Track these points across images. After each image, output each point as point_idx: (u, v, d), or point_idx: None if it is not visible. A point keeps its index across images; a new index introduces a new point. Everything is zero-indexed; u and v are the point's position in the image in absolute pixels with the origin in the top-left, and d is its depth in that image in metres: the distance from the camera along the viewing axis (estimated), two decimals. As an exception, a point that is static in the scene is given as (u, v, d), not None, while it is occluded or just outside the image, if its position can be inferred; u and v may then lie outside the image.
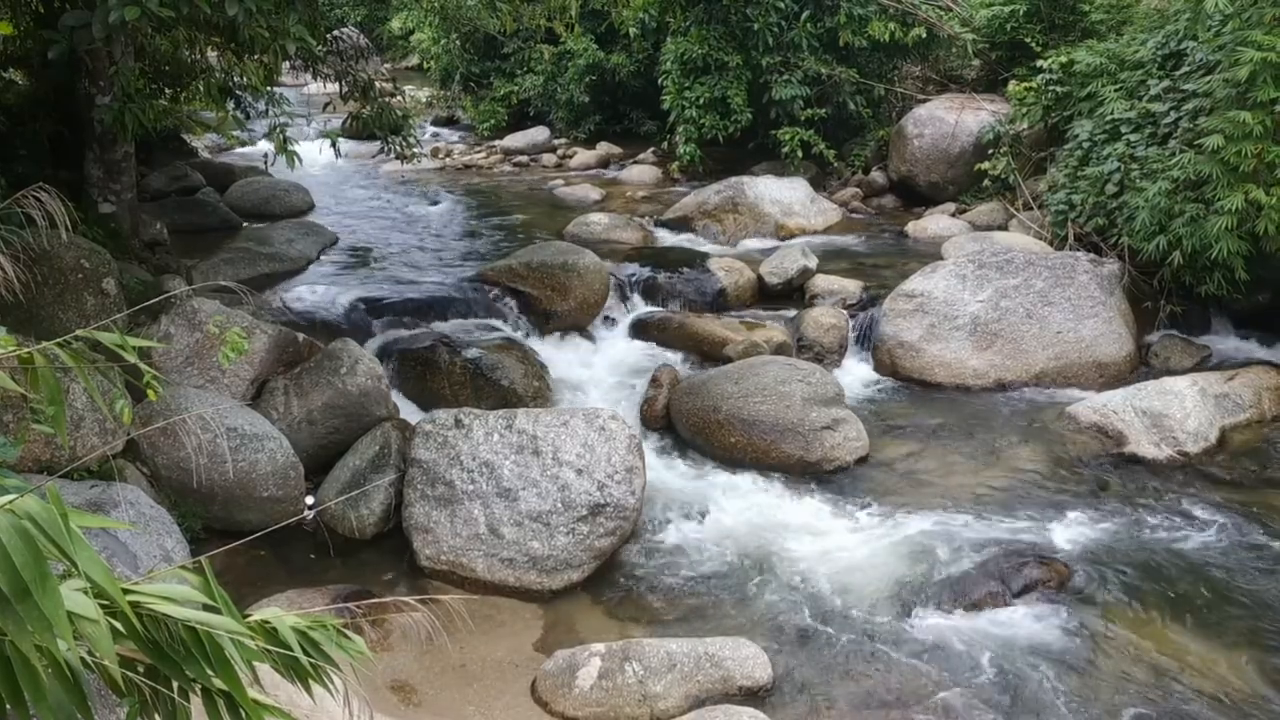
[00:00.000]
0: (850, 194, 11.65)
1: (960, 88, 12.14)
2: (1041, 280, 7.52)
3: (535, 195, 12.47)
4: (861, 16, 11.74)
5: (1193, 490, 5.82)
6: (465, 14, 10.77)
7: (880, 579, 5.00)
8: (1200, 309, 7.79)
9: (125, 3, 4.45)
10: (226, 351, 2.91)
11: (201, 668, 1.58)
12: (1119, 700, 4.17)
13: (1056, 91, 9.69)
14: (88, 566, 1.46)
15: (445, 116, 17.96)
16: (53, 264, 5.33)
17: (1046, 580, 4.89)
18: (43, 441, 4.67)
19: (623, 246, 9.62)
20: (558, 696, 4.18)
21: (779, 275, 8.61)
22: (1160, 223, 7.32)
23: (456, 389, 6.59)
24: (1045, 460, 6.17)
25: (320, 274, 8.74)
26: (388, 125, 7.88)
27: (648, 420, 6.68)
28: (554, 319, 7.77)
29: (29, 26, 7.01)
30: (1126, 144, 8.14)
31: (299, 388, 5.85)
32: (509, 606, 4.91)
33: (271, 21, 5.65)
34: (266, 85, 8.32)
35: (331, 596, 4.70)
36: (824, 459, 6.09)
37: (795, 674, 4.38)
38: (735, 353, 7.24)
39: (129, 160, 7.32)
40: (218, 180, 11.18)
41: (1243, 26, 6.99)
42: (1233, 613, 4.72)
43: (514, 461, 5.23)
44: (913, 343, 7.44)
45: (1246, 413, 6.55)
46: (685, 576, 5.11)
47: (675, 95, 12.29)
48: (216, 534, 5.13)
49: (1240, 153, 6.63)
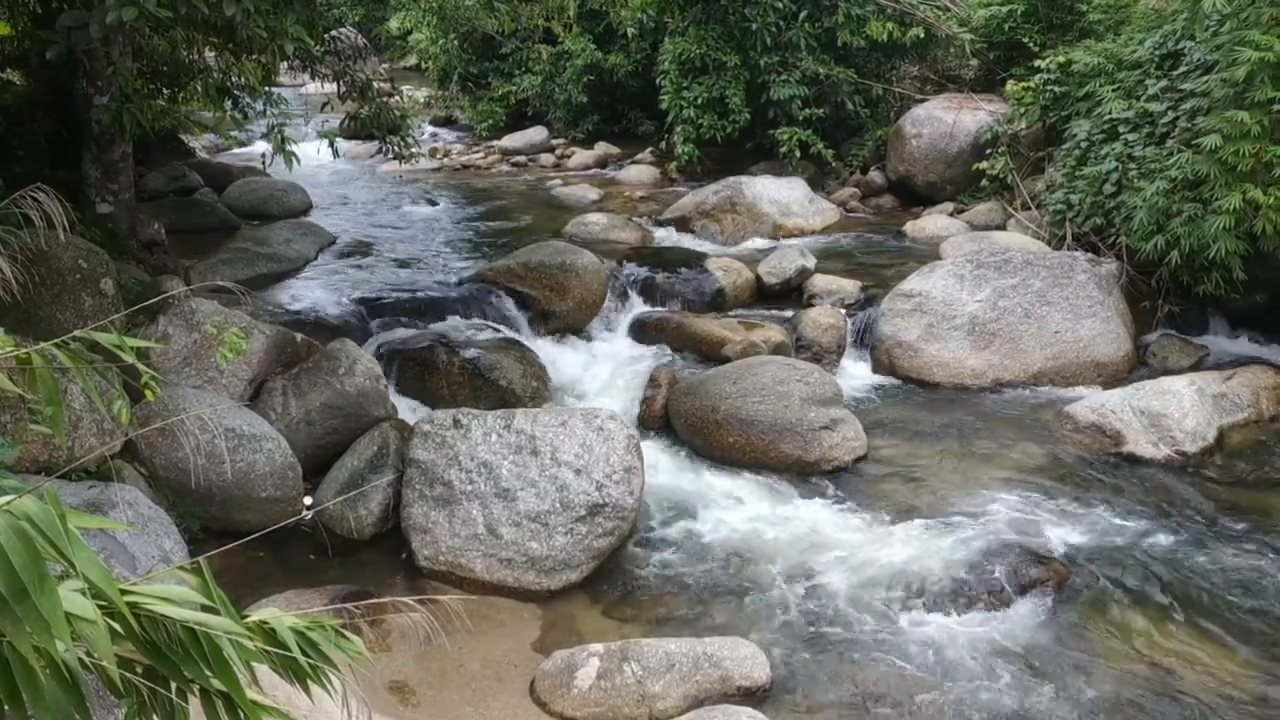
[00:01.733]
0: (848, 194, 11.66)
1: (958, 87, 12.15)
2: (1039, 280, 7.52)
3: (533, 195, 12.48)
4: (859, 16, 11.75)
5: (1191, 490, 5.82)
6: (463, 14, 10.77)
7: (878, 579, 5.01)
8: (1198, 309, 7.79)
9: (123, 3, 4.45)
10: (224, 352, 2.91)
11: (200, 668, 1.58)
12: (1118, 700, 4.17)
13: (1054, 91, 9.70)
14: (86, 567, 1.46)
15: (443, 116, 17.97)
16: (50, 264, 5.33)
17: (1045, 580, 4.89)
18: (41, 442, 4.66)
19: (621, 246, 9.62)
20: (556, 697, 4.18)
21: (777, 275, 8.61)
22: (1158, 222, 7.33)
23: (455, 389, 6.59)
24: (1043, 460, 6.17)
25: (318, 274, 8.75)
26: (386, 125, 7.87)
27: (646, 420, 6.68)
28: (552, 319, 7.77)
29: (27, 27, 7.01)
30: (1124, 144, 8.15)
31: (297, 388, 5.85)
32: (507, 607, 4.91)
33: (269, 21, 5.65)
34: (264, 85, 8.34)
35: (330, 597, 4.69)
36: (822, 459, 6.09)
37: (794, 674, 4.38)
38: (733, 353, 7.24)
39: (127, 160, 7.31)
40: (216, 180, 11.17)
41: (1240, 26, 7.00)
42: (1231, 612, 4.72)
43: (512, 462, 5.23)
44: (911, 343, 7.45)
45: (1244, 412, 6.56)
46: (683, 577, 5.12)
47: (673, 95, 12.30)
48: (215, 534, 5.12)
49: (1238, 152, 6.64)
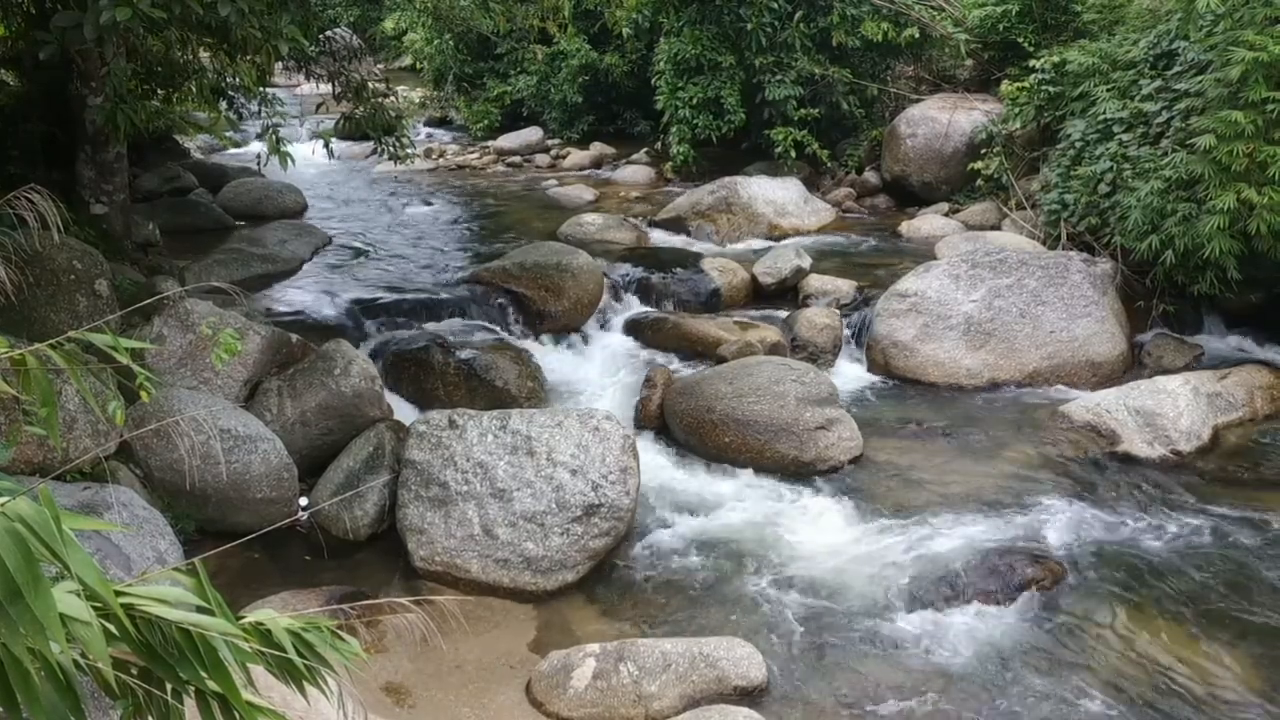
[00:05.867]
0: (844, 194, 11.67)
1: (953, 88, 12.16)
2: (1034, 280, 7.54)
3: (529, 196, 12.47)
4: (854, 17, 11.76)
5: (1186, 489, 5.83)
6: (459, 14, 10.76)
7: (874, 578, 5.01)
8: (1193, 308, 7.81)
9: (117, 3, 4.43)
10: (219, 353, 2.90)
11: (195, 670, 1.57)
12: (1114, 699, 4.18)
13: (1049, 91, 9.71)
14: (80, 569, 1.45)
15: (439, 117, 17.96)
16: (45, 265, 5.32)
17: (1040, 579, 4.90)
18: (35, 443, 4.65)
19: (616, 247, 9.63)
20: (553, 697, 4.18)
21: (773, 275, 8.62)
22: (1153, 222, 7.35)
23: (450, 390, 6.59)
24: (1039, 459, 6.19)
25: (313, 275, 8.74)
26: (381, 126, 7.86)
27: (642, 420, 6.68)
28: (548, 319, 7.77)
29: (20, 27, 6.99)
30: (1119, 143, 8.16)
31: (292, 389, 5.84)
32: (503, 607, 4.91)
33: (264, 22, 5.64)
34: (259, 86, 8.33)
35: (326, 598, 4.69)
36: (818, 459, 6.10)
37: (790, 673, 4.38)
38: (729, 353, 7.24)
39: (121, 161, 7.30)
40: (210, 181, 11.17)
41: (1234, 26, 7.01)
42: (1227, 611, 4.73)
43: (508, 462, 5.22)
44: (906, 342, 7.46)
45: (1239, 411, 6.57)
46: (679, 577, 5.12)
47: (669, 95, 12.30)
48: (210, 536, 5.12)
49: (1232, 152, 6.65)
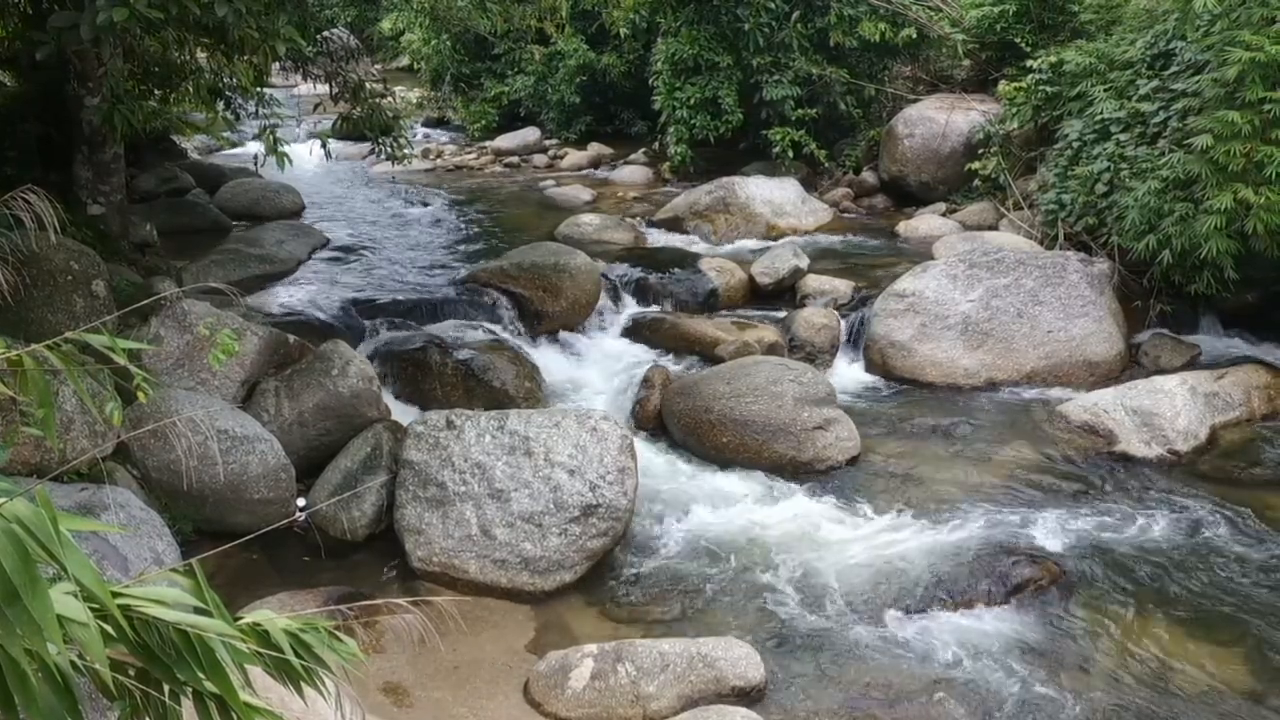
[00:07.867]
0: (841, 194, 11.68)
1: (950, 88, 12.17)
2: (1032, 280, 7.54)
3: (526, 196, 12.47)
4: (852, 17, 11.77)
5: (1183, 488, 5.84)
6: (456, 14, 10.75)
7: (872, 579, 5.01)
8: (1190, 308, 7.82)
9: (114, 4, 4.43)
10: (217, 353, 2.90)
11: (193, 670, 1.57)
12: (1112, 698, 4.18)
13: (1046, 91, 9.72)
14: (77, 570, 1.45)
15: (436, 117, 17.96)
16: (42, 266, 5.31)
17: (1038, 579, 4.90)
18: (32, 444, 4.64)
19: (614, 247, 9.62)
20: (550, 697, 4.18)
21: (770, 275, 8.62)
22: (1150, 222, 7.35)
23: (448, 390, 6.59)
24: (1036, 459, 6.19)
25: (311, 275, 8.74)
26: (378, 126, 7.86)
27: (640, 421, 6.68)
28: (546, 320, 7.76)
29: (17, 28, 6.98)
30: (1116, 143, 8.17)
31: (290, 389, 5.83)
32: (501, 608, 4.91)
33: (261, 22, 5.63)
34: (256, 86, 8.32)
35: (323, 598, 4.68)
36: (816, 459, 6.10)
37: (788, 674, 4.38)
38: (727, 353, 7.24)
39: (118, 162, 7.29)
40: (208, 182, 11.15)
41: (1231, 26, 7.02)
42: (1224, 611, 4.73)
43: (506, 463, 5.22)
44: (904, 342, 7.46)
45: (1236, 411, 6.58)
46: (677, 577, 5.11)
47: (666, 96, 12.30)
48: (208, 536, 5.10)
49: (1229, 152, 6.66)
